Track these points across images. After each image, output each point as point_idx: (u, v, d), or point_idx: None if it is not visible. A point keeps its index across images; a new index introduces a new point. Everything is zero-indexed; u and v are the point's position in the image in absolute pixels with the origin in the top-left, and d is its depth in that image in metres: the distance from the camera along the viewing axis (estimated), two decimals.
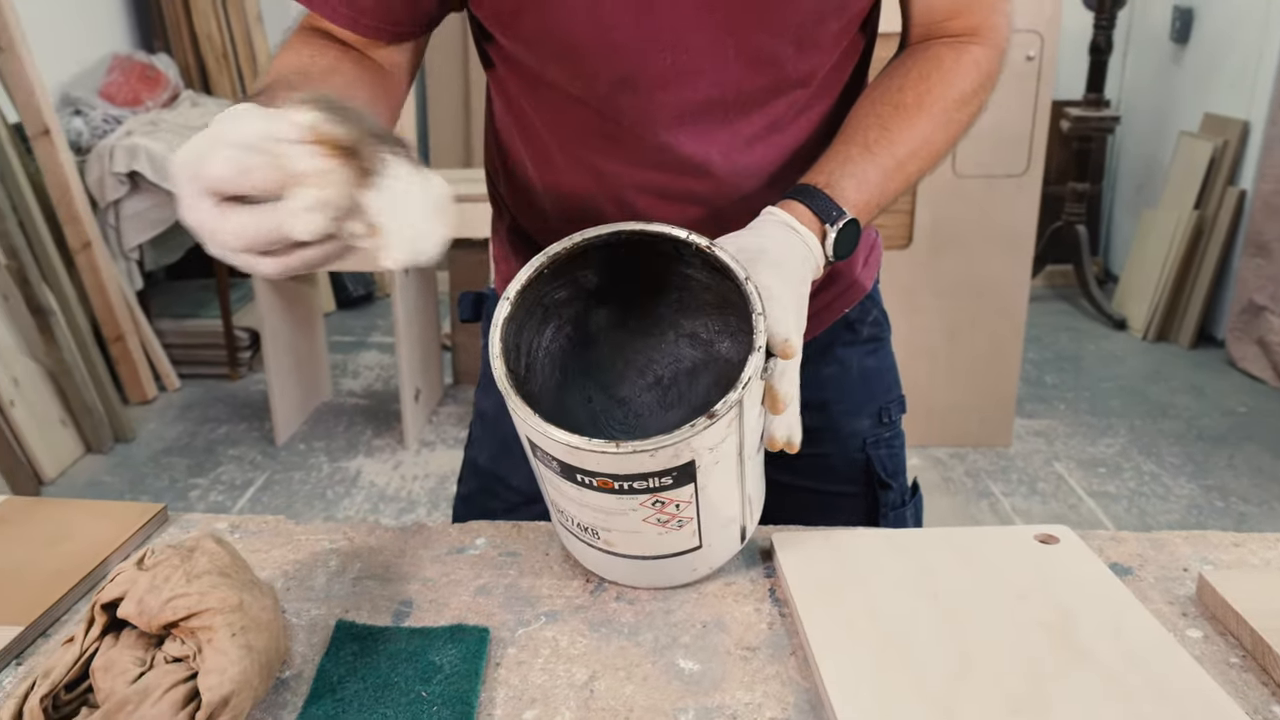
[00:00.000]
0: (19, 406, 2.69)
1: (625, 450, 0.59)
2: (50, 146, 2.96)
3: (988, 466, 2.80)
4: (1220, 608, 0.72)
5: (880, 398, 0.95)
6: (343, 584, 0.76)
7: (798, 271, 0.69)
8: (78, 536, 0.80)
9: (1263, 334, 3.49)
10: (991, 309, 2.81)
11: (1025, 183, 2.74)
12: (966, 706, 0.61)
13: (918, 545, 0.78)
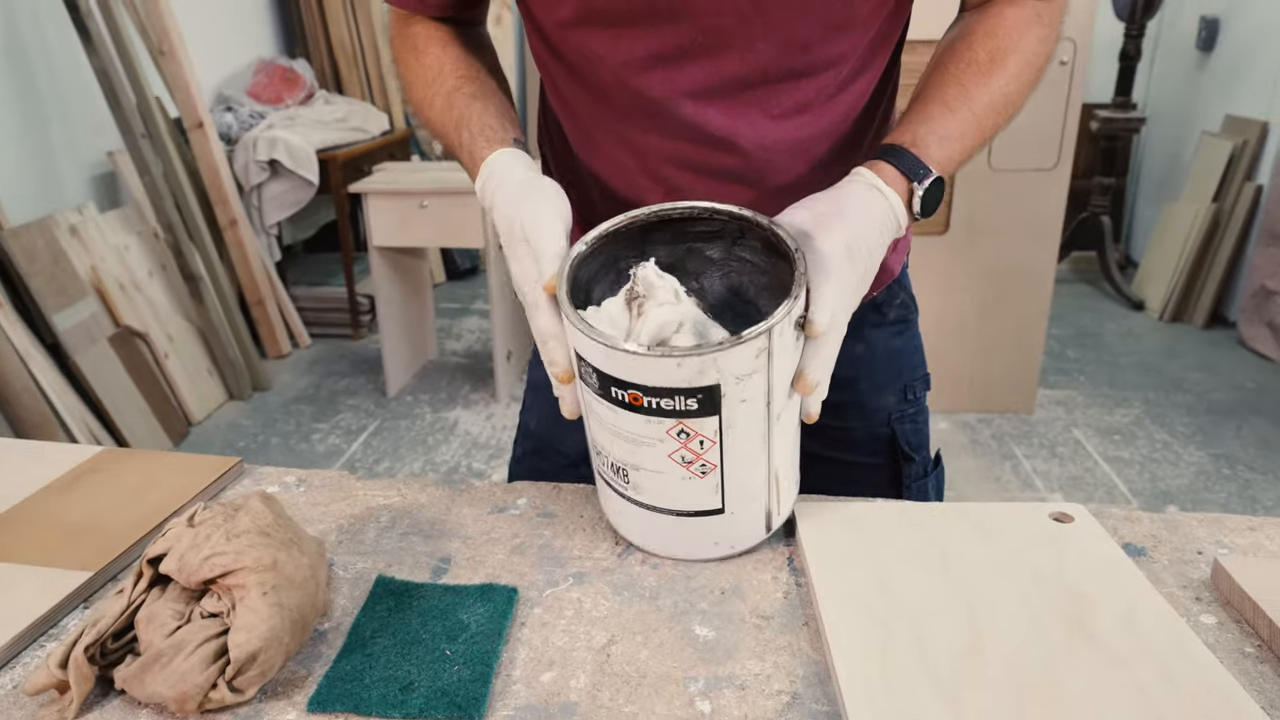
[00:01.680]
0: (173, 359, 2.72)
1: (654, 354, 0.54)
2: (204, 137, 2.97)
3: (1012, 431, 2.65)
4: (1236, 595, 0.61)
5: (906, 376, 0.86)
6: (390, 539, 0.69)
7: (874, 236, 0.62)
8: (160, 487, 0.75)
9: (1273, 316, 3.25)
10: (1019, 290, 2.64)
11: (1055, 176, 2.55)
12: (974, 690, 0.51)
13: (935, 520, 0.69)
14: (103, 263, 2.58)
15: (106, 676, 0.53)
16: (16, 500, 0.72)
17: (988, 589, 0.60)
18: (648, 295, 0.57)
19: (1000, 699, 0.51)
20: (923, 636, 0.56)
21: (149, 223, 2.81)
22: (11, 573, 0.63)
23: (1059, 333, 3.42)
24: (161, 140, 2.76)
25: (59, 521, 0.69)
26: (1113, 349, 3.33)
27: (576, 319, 0.56)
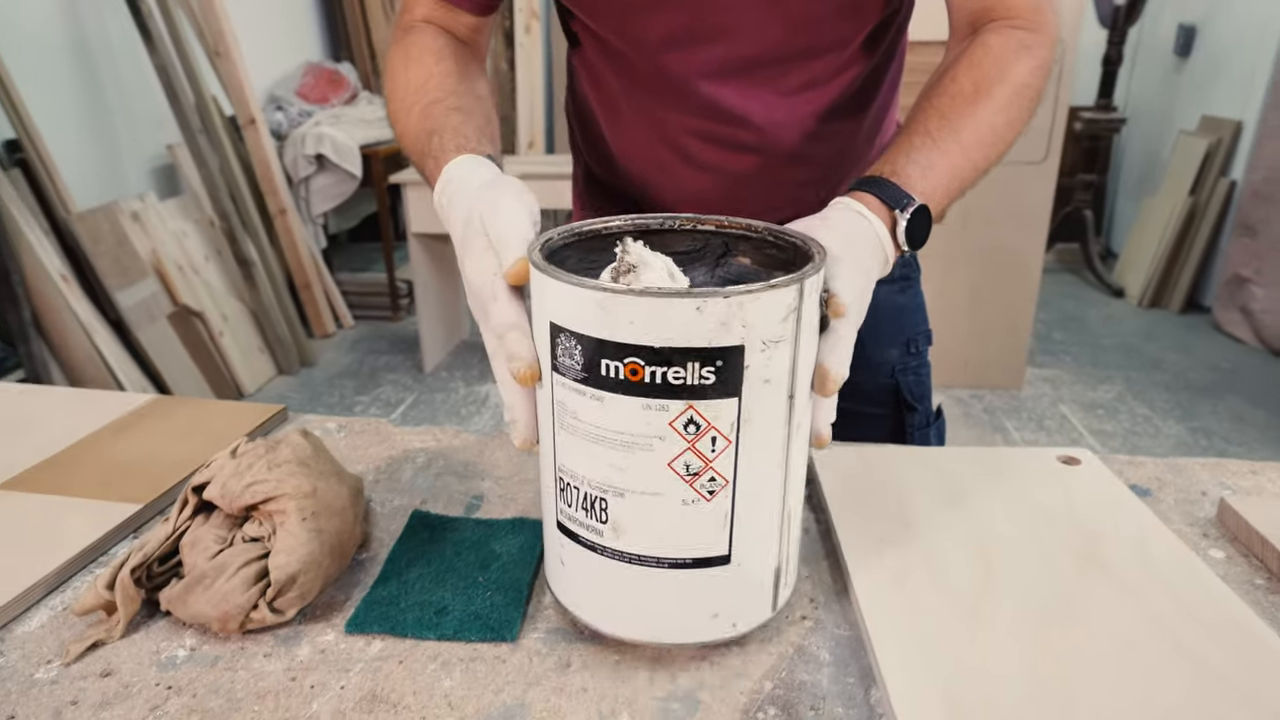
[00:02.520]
0: (227, 336, 2.70)
1: (670, 292, 0.38)
2: (256, 133, 2.94)
3: (1002, 406, 2.59)
4: (1244, 531, 0.57)
5: (908, 331, 0.82)
6: (426, 478, 0.66)
7: (865, 257, 0.51)
8: (207, 431, 0.72)
9: (1245, 302, 3.18)
10: (1010, 275, 2.58)
11: (1044, 169, 2.48)
12: (994, 615, 0.48)
13: (945, 462, 0.65)
14: (163, 246, 2.56)
15: (152, 599, 0.51)
16: (71, 441, 0.69)
17: (1000, 524, 0.57)
18: (640, 267, 0.43)
19: (1017, 623, 0.47)
20: (939, 566, 0.52)
21: (205, 211, 2.79)
22: (65, 505, 0.60)
23: (1045, 317, 3.35)
24: (217, 135, 2.74)
25: (111, 460, 0.67)
26: (1095, 332, 3.26)
27: (560, 271, 0.41)
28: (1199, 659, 0.44)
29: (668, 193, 0.75)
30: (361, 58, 3.87)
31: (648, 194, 0.77)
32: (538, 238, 0.46)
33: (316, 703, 0.44)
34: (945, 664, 0.44)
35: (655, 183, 0.76)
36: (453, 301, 3.11)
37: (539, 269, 0.42)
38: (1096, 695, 0.42)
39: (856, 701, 0.44)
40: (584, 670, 0.46)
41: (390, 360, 3.02)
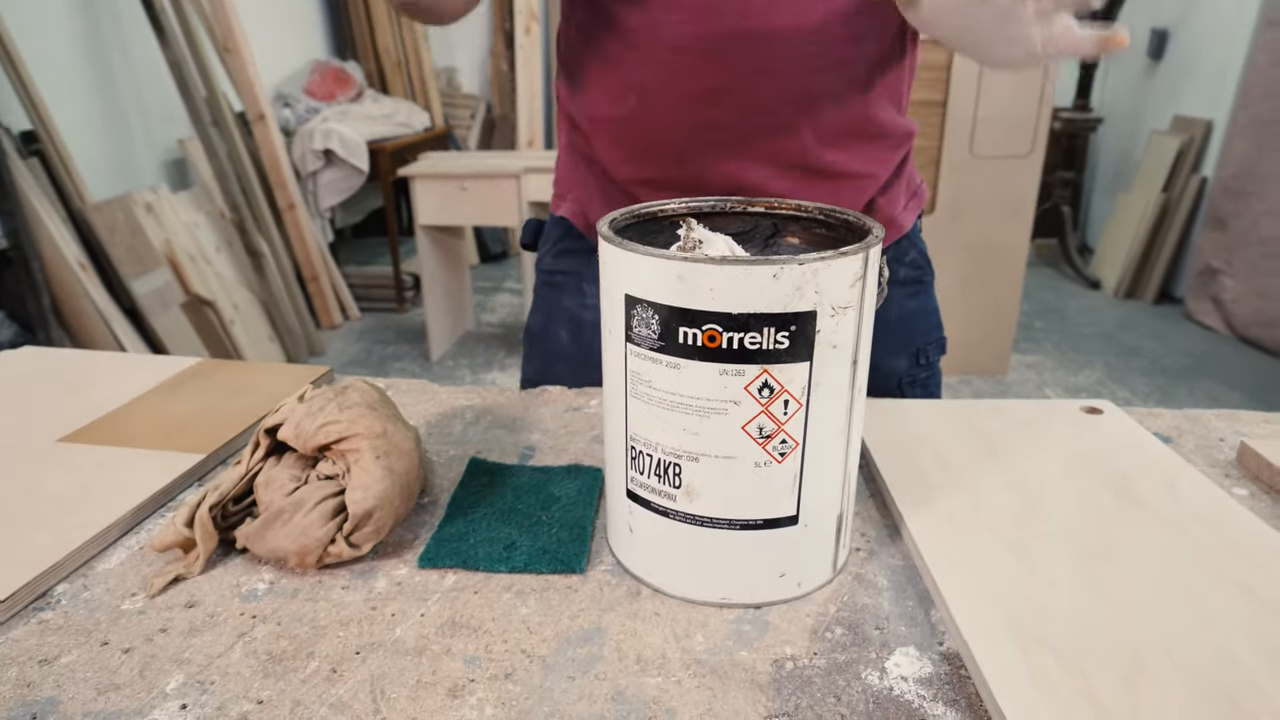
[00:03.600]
0: (238, 325, 2.68)
1: (748, 260, 0.39)
2: (265, 129, 2.92)
3: (989, 390, 2.61)
4: (1265, 470, 0.58)
5: (919, 339, 0.78)
6: (476, 431, 0.66)
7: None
8: (258, 389, 0.72)
9: (1216, 292, 3.22)
10: (996, 266, 2.60)
11: (1029, 162, 2.50)
12: (1041, 546, 0.48)
13: (976, 415, 0.65)
14: (175, 237, 2.54)
15: (226, 538, 0.50)
16: (126, 399, 0.69)
17: (1035, 467, 0.57)
18: (704, 243, 0.45)
19: (1064, 551, 0.48)
20: (983, 505, 0.53)
21: (216, 203, 2.77)
22: (131, 455, 0.60)
23: (1027, 308, 3.38)
24: (228, 129, 2.72)
25: (169, 415, 0.66)
26: (1075, 321, 3.29)
27: (637, 245, 0.41)
28: (1243, 584, 0.45)
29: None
30: (366, 57, 3.85)
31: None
32: (605, 222, 0.46)
33: (400, 628, 0.44)
34: (999, 585, 0.45)
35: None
36: (458, 292, 3.11)
37: (613, 244, 0.42)
38: (1144, 610, 0.43)
39: (918, 621, 0.44)
40: (654, 598, 0.46)
41: (397, 350, 3.00)
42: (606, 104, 0.68)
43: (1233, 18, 3.27)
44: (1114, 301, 3.54)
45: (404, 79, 3.90)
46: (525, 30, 4.13)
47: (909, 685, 0.40)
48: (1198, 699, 0.37)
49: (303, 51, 3.58)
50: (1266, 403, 2.54)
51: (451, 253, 3.00)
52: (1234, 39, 3.26)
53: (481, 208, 2.64)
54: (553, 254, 0.80)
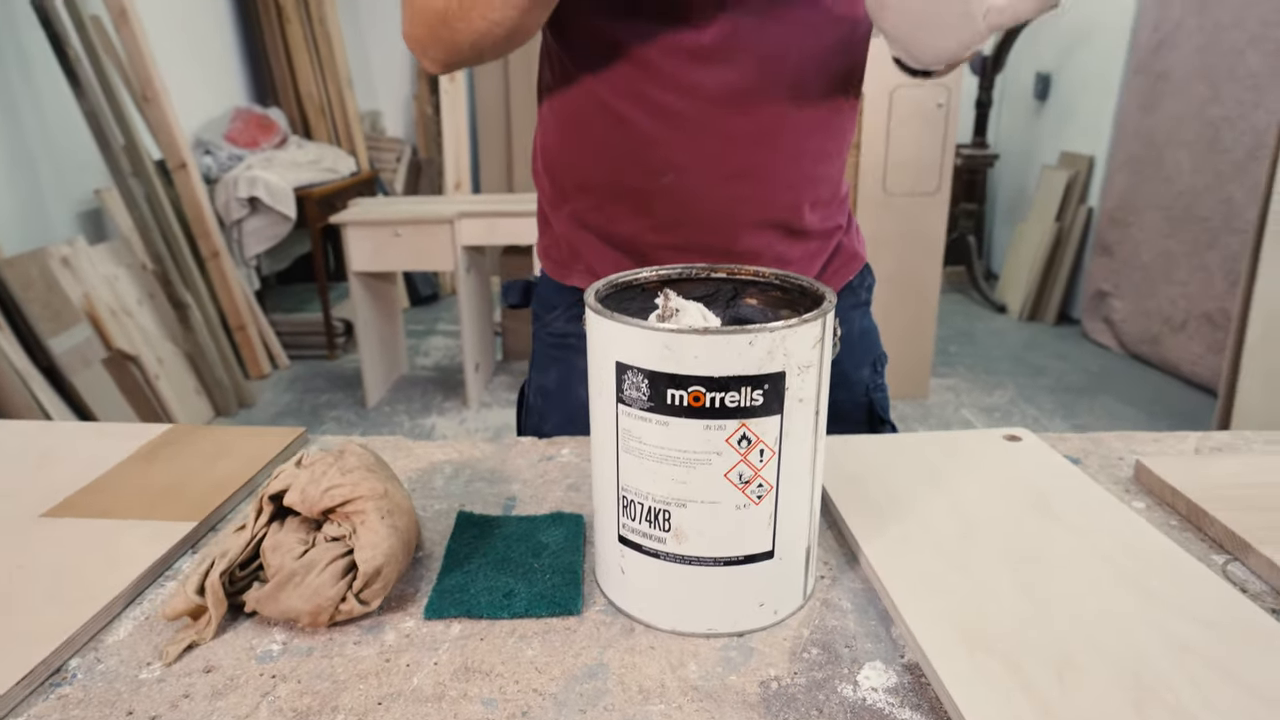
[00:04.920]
0: (162, 380, 2.60)
1: (727, 331, 0.44)
2: (187, 177, 2.87)
3: (912, 413, 2.76)
4: (1157, 485, 0.67)
5: (874, 351, 0.89)
6: (458, 485, 0.70)
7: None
8: (235, 454, 0.73)
9: (1107, 313, 3.49)
10: (912, 295, 2.77)
11: (937, 199, 2.69)
12: (980, 561, 0.55)
13: (915, 446, 0.73)
14: (94, 291, 2.46)
15: (234, 602, 0.53)
16: (101, 470, 0.70)
17: (968, 491, 0.65)
18: (680, 311, 0.49)
19: (999, 565, 0.55)
20: (927, 528, 0.60)
21: (137, 255, 2.69)
22: (120, 526, 0.61)
23: (941, 333, 3.58)
24: (148, 179, 2.66)
25: (150, 484, 0.67)
26: (985, 344, 3.51)
27: (626, 318, 0.46)
28: (1140, 583, 0.53)
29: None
30: (289, 103, 3.82)
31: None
32: (590, 288, 0.52)
33: (416, 677, 0.47)
34: (948, 601, 0.51)
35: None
36: (392, 337, 3.09)
37: (603, 315, 0.47)
38: (1067, 612, 0.50)
39: (881, 638, 0.50)
40: (647, 633, 0.51)
41: (331, 398, 2.96)
42: (640, 178, 0.74)
43: (1104, 65, 3.60)
44: (1019, 324, 3.79)
45: (328, 124, 3.89)
46: (450, 77, 4.17)
47: (879, 695, 0.46)
48: (1115, 685, 0.44)
49: (222, 99, 3.53)
50: (1156, 415, 2.77)
51: (384, 298, 2.98)
52: (1107, 84, 3.58)
53: (415, 253, 2.65)
54: (564, 319, 0.84)
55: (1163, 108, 3.17)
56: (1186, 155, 3.05)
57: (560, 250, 0.83)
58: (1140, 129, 3.30)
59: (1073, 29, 3.81)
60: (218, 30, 3.60)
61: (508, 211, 2.65)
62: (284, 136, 3.43)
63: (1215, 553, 0.58)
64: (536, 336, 0.87)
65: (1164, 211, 3.17)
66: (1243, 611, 0.50)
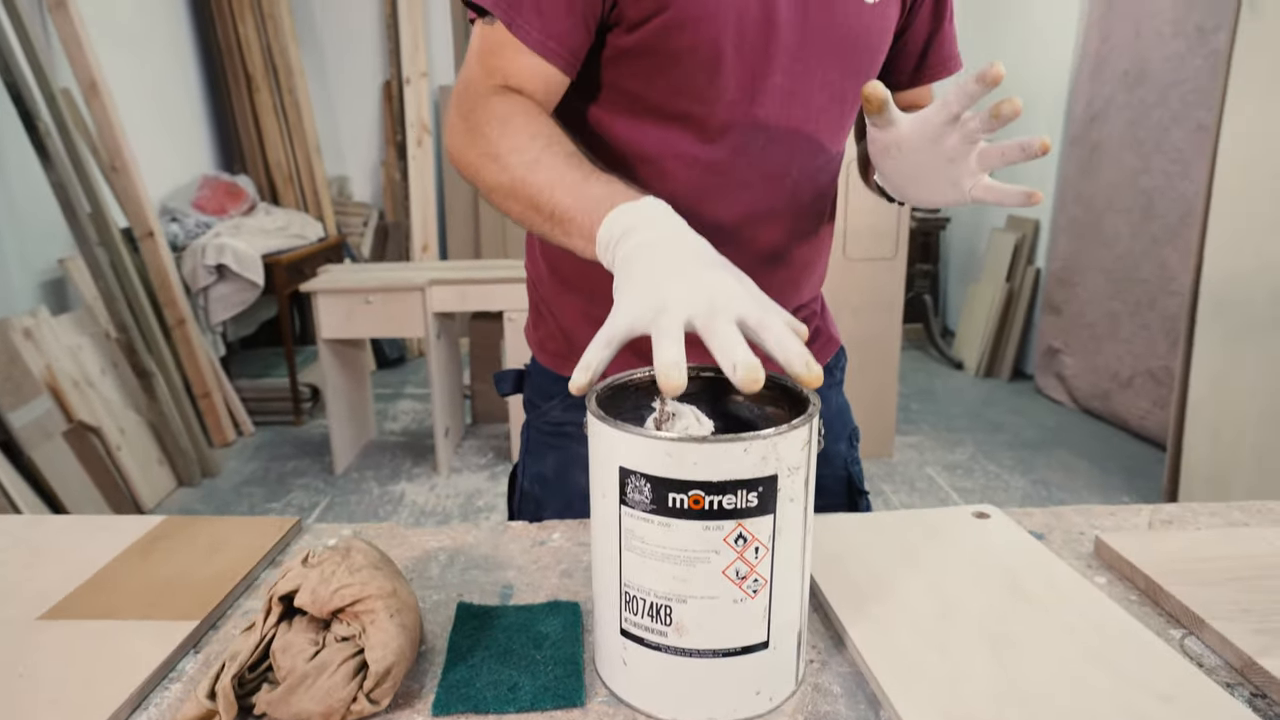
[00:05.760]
0: (124, 451, 2.55)
1: (725, 439, 0.47)
2: (154, 245, 2.86)
3: (878, 472, 2.81)
4: (1116, 560, 0.71)
5: (849, 425, 0.94)
6: (453, 573, 0.72)
7: None
8: (231, 547, 0.74)
9: (1059, 369, 3.61)
10: (874, 356, 2.85)
11: (895, 263, 2.80)
12: (958, 640, 0.59)
13: (892, 525, 0.77)
14: (57, 362, 2.42)
15: (244, 705, 0.53)
16: (100, 565, 0.70)
17: (944, 569, 0.69)
18: (676, 415, 0.52)
19: (975, 644, 0.58)
20: (907, 606, 0.63)
21: (100, 324, 2.66)
22: (121, 627, 0.62)
23: (903, 390, 3.68)
24: (115, 247, 2.64)
25: (149, 580, 0.68)
26: (945, 401, 3.61)
27: (630, 426, 0.49)
28: (1106, 660, 0.57)
29: None
30: (256, 170, 3.85)
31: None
32: (590, 393, 0.54)
33: None
34: (932, 684, 0.54)
35: None
36: (360, 403, 3.07)
37: (606, 423, 0.50)
38: (1041, 691, 0.53)
39: None
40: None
41: (298, 465, 2.92)
42: None
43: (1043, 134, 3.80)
44: (976, 380, 3.91)
45: (296, 190, 3.92)
46: (417, 142, 4.26)
47: None
48: None
49: (190, 166, 3.55)
50: (1109, 470, 2.87)
51: (353, 363, 2.98)
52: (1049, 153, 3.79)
53: (386, 320, 2.67)
54: (561, 408, 0.86)
55: (1099, 176, 3.36)
56: (1124, 221, 3.23)
57: (557, 342, 0.86)
58: (1080, 195, 3.49)
59: None
60: (187, 100, 3.64)
61: (478, 279, 2.69)
62: (252, 203, 3.45)
63: (1173, 627, 0.62)
64: (531, 424, 0.89)
65: (1106, 273, 3.33)
66: (1199, 685, 0.54)
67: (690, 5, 0.67)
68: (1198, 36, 2.84)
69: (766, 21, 0.69)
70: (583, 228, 0.57)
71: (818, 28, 0.71)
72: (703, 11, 0.67)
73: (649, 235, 0.54)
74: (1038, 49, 3.84)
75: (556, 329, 0.85)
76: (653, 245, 0.53)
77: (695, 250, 0.53)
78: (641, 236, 0.54)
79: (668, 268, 0.51)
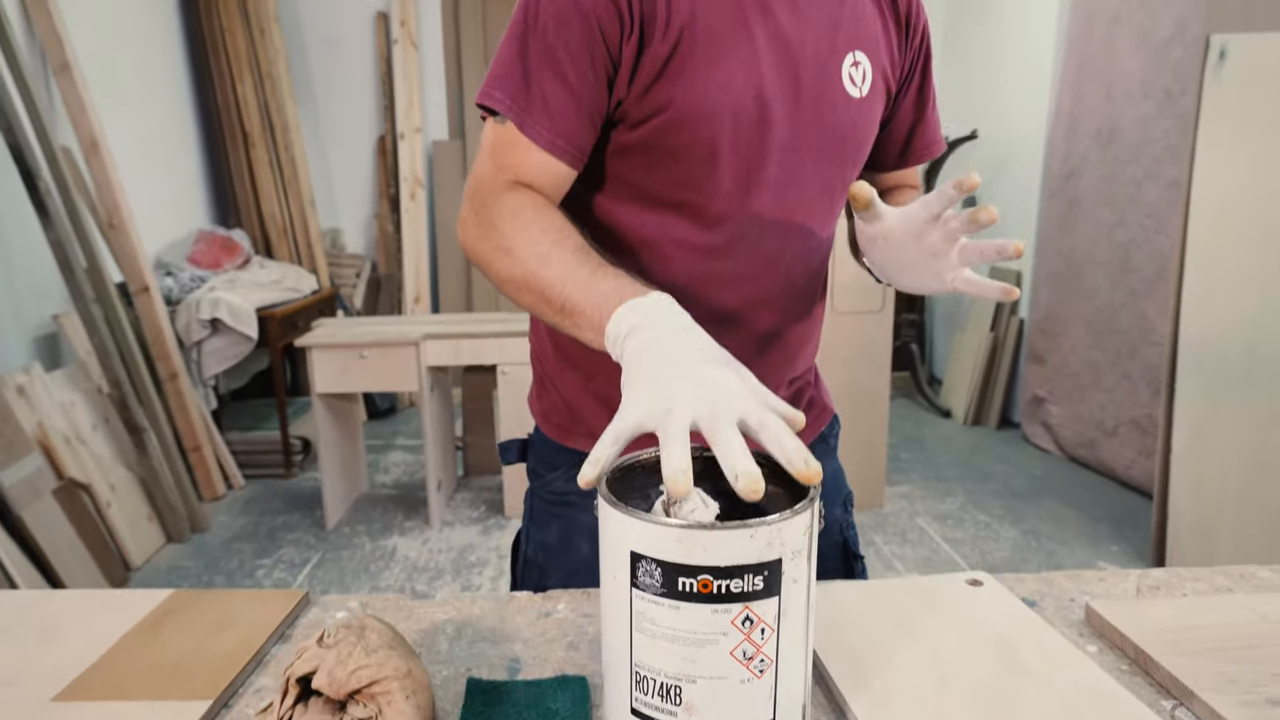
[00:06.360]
0: (114, 508, 2.53)
1: (731, 526, 0.50)
2: (149, 300, 2.88)
3: (869, 522, 2.83)
4: (1107, 629, 0.73)
5: (843, 491, 0.96)
6: (461, 646, 0.73)
7: None
8: (239, 622, 0.75)
9: (1045, 418, 3.65)
10: (864, 407, 2.88)
11: (882, 316, 2.85)
12: (951, 711, 0.60)
13: (889, 593, 0.79)
14: (49, 419, 2.41)
15: None
16: (109, 644, 0.71)
17: (940, 638, 0.71)
18: (683, 499, 0.54)
19: (969, 713, 0.60)
20: (905, 676, 0.65)
21: (93, 380, 2.66)
22: (135, 709, 0.62)
23: (892, 439, 3.70)
24: (111, 303, 2.66)
25: (160, 659, 0.69)
26: (934, 449, 3.64)
27: (641, 512, 0.52)
28: None
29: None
30: (251, 224, 3.89)
31: None
32: (602, 481, 0.56)
33: None
34: None
35: None
36: (353, 456, 3.07)
37: (618, 509, 0.52)
38: None
39: None
40: None
41: (288, 519, 2.90)
42: None
43: (1023, 189, 3.93)
44: (964, 429, 3.95)
45: (290, 243, 3.96)
46: (410, 196, 4.32)
47: None
48: None
49: (185, 221, 3.59)
50: (1098, 518, 2.89)
51: (345, 415, 2.98)
52: (1027, 206, 3.90)
53: (380, 374, 2.68)
54: (565, 478, 0.88)
55: (1077, 230, 3.46)
56: (1103, 273, 3.31)
57: (561, 415, 0.88)
58: (1060, 248, 3.58)
59: (992, 158, 4.17)
60: (184, 156, 3.69)
61: (471, 333, 2.72)
62: (247, 257, 3.49)
63: (1164, 698, 0.64)
64: (535, 493, 0.91)
65: (1087, 324, 3.40)
66: None
67: (689, 106, 0.71)
68: (1165, 99, 2.96)
69: (761, 120, 0.73)
70: (593, 322, 0.60)
71: (809, 124, 0.76)
72: (700, 111, 0.71)
73: (655, 332, 0.56)
74: (1015, 108, 3.97)
75: (560, 401, 0.88)
76: (659, 342, 0.56)
77: (699, 347, 0.56)
78: (648, 333, 0.56)
79: (673, 366, 0.54)
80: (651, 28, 0.70)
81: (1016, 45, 3.96)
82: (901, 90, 0.85)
